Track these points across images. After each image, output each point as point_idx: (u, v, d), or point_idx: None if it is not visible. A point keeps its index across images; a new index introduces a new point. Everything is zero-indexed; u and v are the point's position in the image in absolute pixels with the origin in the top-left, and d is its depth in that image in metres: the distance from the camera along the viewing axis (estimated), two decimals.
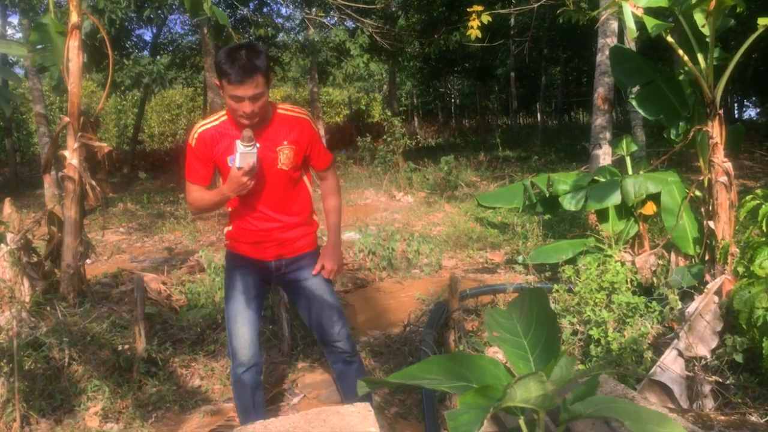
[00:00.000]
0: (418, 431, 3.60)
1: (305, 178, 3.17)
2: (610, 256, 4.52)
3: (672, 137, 4.65)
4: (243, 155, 2.73)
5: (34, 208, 9.60)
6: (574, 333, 3.94)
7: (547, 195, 5.36)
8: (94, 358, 4.02)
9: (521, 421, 0.76)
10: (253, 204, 3.05)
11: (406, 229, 8.21)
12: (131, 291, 5.00)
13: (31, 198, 12.76)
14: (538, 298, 0.87)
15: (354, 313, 5.46)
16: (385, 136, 12.96)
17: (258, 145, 2.78)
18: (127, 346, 4.21)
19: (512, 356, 0.83)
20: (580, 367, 3.64)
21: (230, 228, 3.20)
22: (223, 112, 2.99)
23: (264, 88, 2.77)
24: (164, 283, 5.21)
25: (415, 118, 32.55)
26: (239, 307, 3.12)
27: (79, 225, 4.73)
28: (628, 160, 5.25)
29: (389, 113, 13.91)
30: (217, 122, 2.95)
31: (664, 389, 3.44)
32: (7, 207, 4.66)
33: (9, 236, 4.28)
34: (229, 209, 3.14)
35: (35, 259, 4.77)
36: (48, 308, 4.34)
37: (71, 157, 4.72)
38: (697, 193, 4.44)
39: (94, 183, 4.69)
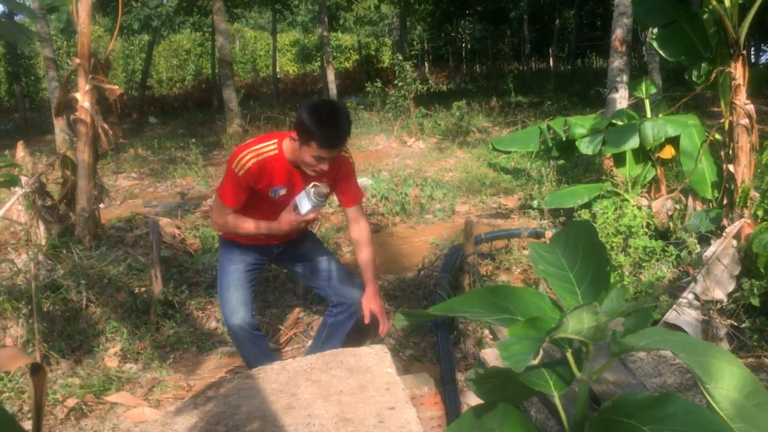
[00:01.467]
0: (433, 373, 3.63)
1: None
2: (627, 200, 4.47)
3: (693, 79, 4.55)
4: (315, 206, 2.79)
5: (45, 153, 9.60)
6: None
7: (564, 139, 5.29)
8: (111, 300, 4.05)
9: (569, 354, 0.74)
10: (268, 220, 3.05)
11: (419, 175, 8.16)
12: (146, 235, 5.02)
13: (42, 143, 12.74)
14: (585, 230, 0.84)
15: None
16: (396, 81, 12.78)
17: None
18: (143, 289, 4.24)
19: (559, 289, 0.81)
20: None
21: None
22: (273, 144, 2.92)
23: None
24: (178, 228, 5.21)
25: (426, 64, 32.09)
26: (233, 276, 3.14)
27: (93, 168, 4.71)
28: (647, 102, 5.15)
29: (400, 57, 13.68)
30: (268, 155, 2.90)
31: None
32: (20, 150, 4.64)
33: (23, 179, 4.27)
34: None
35: (50, 203, 4.77)
36: (64, 251, 4.36)
37: (83, 99, 4.67)
38: (717, 136, 4.36)
39: (106, 126, 4.66)
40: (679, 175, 5.49)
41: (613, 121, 5.13)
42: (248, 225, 2.98)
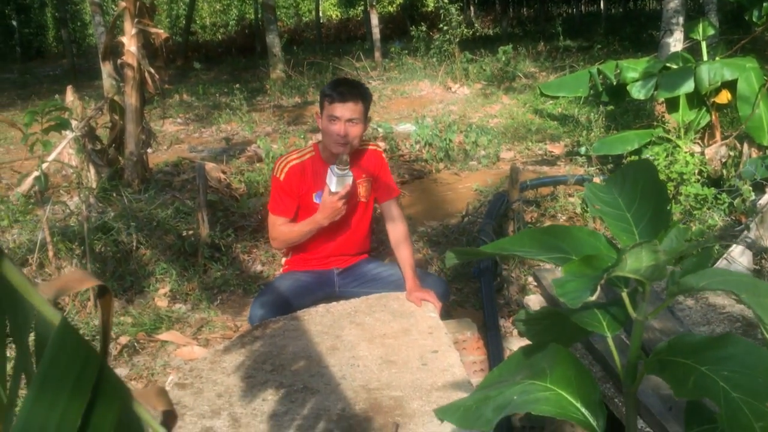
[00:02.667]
0: (476, 319, 3.64)
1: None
2: (679, 147, 4.35)
3: (753, 20, 4.35)
4: (340, 178, 2.76)
5: (93, 98, 9.74)
6: None
7: (614, 83, 5.13)
8: (160, 242, 4.14)
9: (624, 294, 0.73)
10: (327, 234, 3.04)
11: (463, 121, 8.05)
12: (192, 179, 5.09)
13: (90, 89, 12.92)
14: (644, 169, 0.81)
15: (411, 203, 5.46)
16: (441, 25, 12.52)
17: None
18: (191, 232, 4.33)
19: (615, 228, 0.78)
20: None
21: (289, 257, 3.21)
22: (310, 147, 3.03)
23: (361, 116, 2.86)
24: (224, 172, 5.27)
25: (472, 7, 31.30)
26: (282, 281, 3.09)
27: (140, 112, 4.77)
28: (703, 45, 4.95)
29: (445, 0, 13.37)
30: (305, 157, 2.99)
31: None
32: (70, 94, 4.72)
33: (73, 123, 4.35)
34: None
35: (99, 147, 4.86)
36: (114, 194, 4.46)
37: (129, 43, 4.70)
38: None
39: (152, 70, 4.69)
40: (734, 121, 5.29)
41: (667, 64, 4.94)
42: (299, 226, 3.00)
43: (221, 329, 3.56)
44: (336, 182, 2.77)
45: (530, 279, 3.87)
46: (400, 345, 2.58)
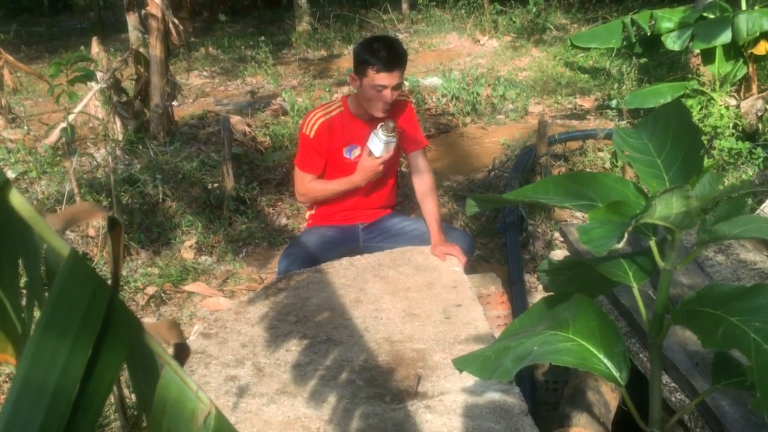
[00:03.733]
0: (500, 274, 3.62)
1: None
2: (714, 100, 4.22)
3: None
4: (387, 144, 2.75)
5: (120, 51, 9.72)
6: None
7: (648, 34, 4.97)
8: (186, 195, 4.16)
9: (652, 242, 0.70)
10: (353, 190, 3.02)
11: (491, 74, 7.90)
12: (218, 132, 5.08)
13: (117, 42, 12.90)
14: (677, 112, 0.77)
15: (437, 157, 5.41)
16: None
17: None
18: (216, 185, 4.34)
19: (644, 175, 0.75)
20: None
21: (313, 212, 3.17)
22: (339, 103, 2.98)
23: (402, 78, 2.82)
24: (249, 126, 5.25)
25: None
26: (307, 237, 3.07)
27: (165, 64, 4.75)
28: None
29: None
30: (334, 113, 2.94)
31: (762, 239, 3.30)
32: (95, 46, 4.71)
33: (98, 75, 4.34)
34: None
35: (125, 99, 4.86)
36: (140, 147, 4.48)
37: None
38: None
39: (176, 21, 4.65)
40: None
41: (704, 14, 4.77)
42: (331, 185, 2.99)
43: (246, 281, 3.59)
44: (382, 148, 2.77)
45: (556, 234, 3.82)
46: (424, 298, 2.57)
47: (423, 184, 3.07)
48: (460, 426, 1.82)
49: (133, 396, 0.87)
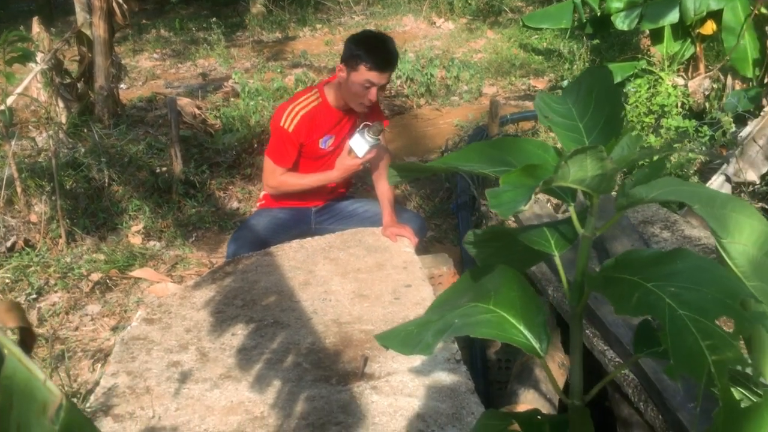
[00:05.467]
0: (454, 254, 3.62)
1: None
2: (662, 79, 4.26)
3: None
4: (372, 146, 2.74)
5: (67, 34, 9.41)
6: None
7: (598, 14, 4.99)
8: (133, 179, 4.06)
9: (572, 208, 0.67)
10: (309, 172, 2.98)
11: (446, 56, 7.88)
12: (166, 115, 4.96)
13: (66, 24, 12.50)
14: (600, 76, 0.75)
15: (391, 139, 5.37)
16: None
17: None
18: (164, 168, 4.24)
19: (565, 139, 0.73)
20: None
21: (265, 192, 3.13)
22: (315, 93, 2.89)
23: (390, 80, 2.83)
24: (199, 108, 5.14)
25: None
26: (256, 220, 3.04)
27: (109, 45, 4.60)
28: None
29: None
30: (311, 105, 2.87)
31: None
32: (36, 26, 4.54)
33: (39, 56, 4.19)
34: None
35: (68, 81, 4.71)
36: (84, 130, 4.34)
37: None
38: (763, 10, 4.09)
39: (121, 0, 4.50)
40: (719, 54, 5.20)
41: None
42: (305, 180, 2.94)
43: (196, 266, 3.52)
44: (367, 150, 2.75)
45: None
46: (374, 279, 2.55)
47: (381, 166, 3.05)
48: (406, 406, 1.81)
49: None
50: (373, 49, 2.68)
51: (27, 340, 0.59)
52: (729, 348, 0.54)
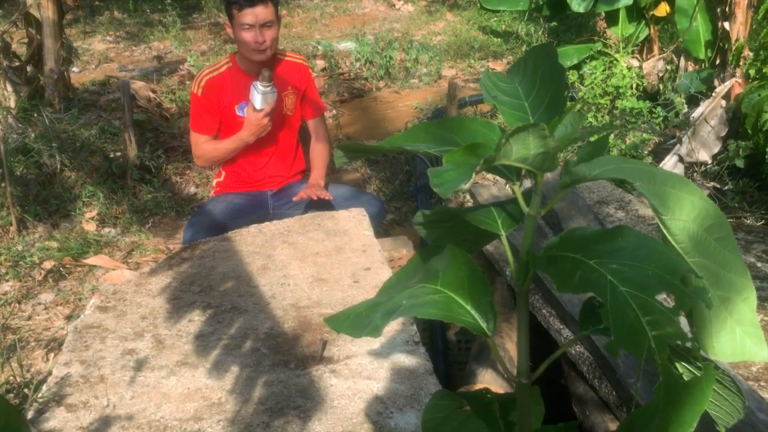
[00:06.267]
0: (413, 237, 3.63)
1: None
2: (617, 61, 4.31)
3: None
4: (265, 95, 2.67)
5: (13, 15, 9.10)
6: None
7: None
8: (86, 164, 3.96)
9: (516, 188, 0.67)
10: (253, 151, 2.96)
11: (405, 39, 7.85)
12: (120, 98, 4.85)
13: (12, 5, 12.12)
14: (545, 54, 0.75)
15: (350, 122, 5.35)
16: None
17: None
18: (119, 153, 4.15)
19: (510, 118, 0.73)
20: None
21: (221, 179, 3.10)
22: (227, 59, 2.91)
23: (274, 17, 2.72)
24: (154, 92, 5.04)
25: None
26: (213, 204, 3.00)
27: (59, 26, 4.46)
28: None
29: None
30: (222, 69, 2.87)
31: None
32: None
33: None
34: None
35: (16, 64, 4.56)
36: (34, 114, 4.22)
37: None
38: None
39: None
40: (673, 36, 5.28)
41: None
42: (222, 144, 2.91)
43: (153, 252, 3.47)
44: (260, 99, 2.68)
45: (467, 196, 3.85)
46: (333, 263, 2.54)
47: (319, 148, 3.07)
48: (365, 388, 1.81)
49: None
50: None
51: None
52: (669, 323, 0.55)
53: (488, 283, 0.72)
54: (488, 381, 2.02)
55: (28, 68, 4.60)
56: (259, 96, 2.67)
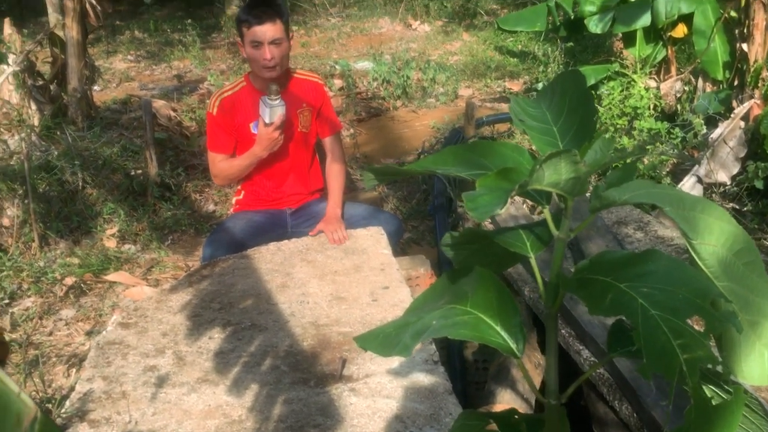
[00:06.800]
0: (431, 256, 3.63)
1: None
2: (635, 82, 4.32)
3: None
4: (273, 109, 2.69)
5: (39, 35, 9.27)
6: None
7: (572, 17, 5.05)
8: (107, 182, 4.02)
9: (546, 210, 0.69)
10: (271, 168, 2.99)
11: (422, 58, 7.90)
12: (140, 117, 4.91)
13: (37, 26, 12.34)
14: (573, 80, 0.76)
15: (367, 141, 5.38)
16: None
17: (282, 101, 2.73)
18: (139, 171, 4.20)
19: (539, 142, 0.74)
20: None
21: (240, 197, 3.13)
22: (241, 79, 2.96)
23: (283, 35, 2.76)
24: (174, 110, 5.10)
25: None
26: (232, 222, 3.02)
27: (82, 46, 4.55)
28: None
29: None
30: (237, 89, 2.93)
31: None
32: (7, 27, 4.47)
33: (11, 57, 4.13)
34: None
35: (41, 83, 4.64)
36: (57, 132, 4.29)
37: None
38: (733, 13, 4.16)
39: (94, 2, 4.45)
40: (690, 57, 5.28)
41: None
42: (236, 161, 2.95)
43: (172, 269, 3.50)
44: (269, 113, 2.71)
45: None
46: (351, 282, 2.55)
47: (334, 169, 3.10)
48: (385, 407, 1.81)
49: None
50: (246, 8, 2.78)
51: (1, 352, 0.59)
52: (700, 347, 0.56)
53: (517, 304, 0.73)
54: (507, 401, 2.02)
55: (52, 87, 4.68)
56: (268, 110, 2.70)
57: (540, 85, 5.73)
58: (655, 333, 0.56)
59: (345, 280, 2.58)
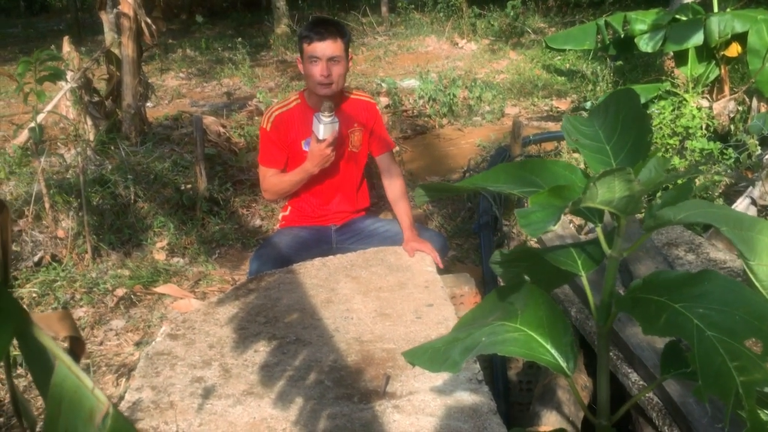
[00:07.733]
0: (475, 274, 3.61)
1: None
2: (686, 101, 4.24)
3: None
4: (326, 126, 2.70)
5: (95, 52, 9.58)
6: None
7: (622, 35, 5.00)
8: (158, 195, 4.11)
9: (599, 229, 0.68)
10: (320, 185, 3.02)
11: (468, 77, 7.91)
12: (191, 133, 5.03)
13: (94, 44, 12.76)
14: (627, 98, 0.76)
15: (413, 158, 5.40)
16: None
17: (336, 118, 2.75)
18: (189, 186, 4.29)
19: (592, 161, 0.74)
20: None
21: (287, 213, 3.16)
22: (296, 96, 2.99)
23: (343, 54, 2.79)
24: (223, 126, 5.21)
25: None
26: (278, 238, 3.05)
27: (137, 64, 4.69)
28: None
29: None
30: (291, 106, 2.96)
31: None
32: (66, 45, 4.64)
33: (69, 74, 4.28)
34: None
35: (97, 99, 4.80)
36: (111, 147, 4.41)
37: None
38: None
39: (149, 21, 4.59)
40: (744, 76, 5.17)
41: (677, 15, 4.80)
42: (287, 176, 2.98)
43: (219, 283, 3.55)
44: (323, 130, 2.72)
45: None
46: (395, 298, 2.55)
47: (394, 187, 3.07)
48: (428, 425, 1.80)
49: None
50: (309, 25, 2.82)
51: (76, 349, 0.61)
52: (757, 369, 0.54)
53: (568, 323, 0.72)
54: (553, 423, 1.99)
55: (107, 103, 4.83)
56: (321, 126, 2.72)
57: (588, 104, 5.67)
58: (711, 354, 0.55)
59: (389, 296, 2.58)
